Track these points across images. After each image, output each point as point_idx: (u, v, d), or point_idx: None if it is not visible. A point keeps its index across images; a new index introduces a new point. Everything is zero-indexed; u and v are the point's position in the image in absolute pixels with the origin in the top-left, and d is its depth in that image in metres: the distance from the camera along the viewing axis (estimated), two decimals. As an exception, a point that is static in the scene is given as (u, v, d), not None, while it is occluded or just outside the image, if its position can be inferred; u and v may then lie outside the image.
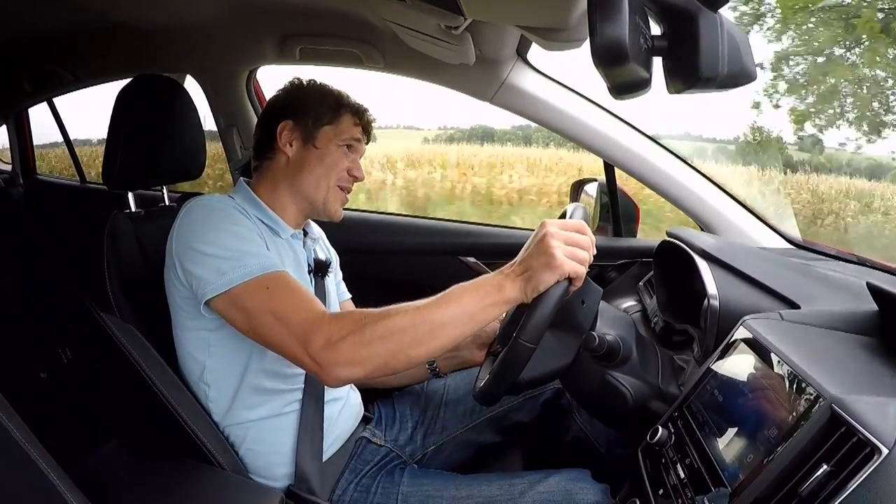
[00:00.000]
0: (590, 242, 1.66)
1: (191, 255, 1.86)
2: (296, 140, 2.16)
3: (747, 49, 1.06)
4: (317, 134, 2.17)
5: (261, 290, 1.79)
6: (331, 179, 2.17)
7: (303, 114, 2.18)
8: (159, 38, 2.86)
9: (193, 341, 2.00)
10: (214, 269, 1.82)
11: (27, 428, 1.33)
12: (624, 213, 2.95)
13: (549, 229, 1.63)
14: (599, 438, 2.33)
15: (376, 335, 1.67)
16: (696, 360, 1.98)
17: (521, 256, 1.68)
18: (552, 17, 1.43)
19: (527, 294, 1.66)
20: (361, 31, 2.60)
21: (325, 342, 1.68)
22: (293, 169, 2.16)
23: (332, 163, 2.16)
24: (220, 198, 1.99)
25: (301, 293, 1.82)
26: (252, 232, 1.92)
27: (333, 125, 2.18)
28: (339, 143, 2.17)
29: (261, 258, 1.83)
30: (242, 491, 1.88)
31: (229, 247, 1.83)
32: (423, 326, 1.67)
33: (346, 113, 2.19)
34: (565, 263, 1.60)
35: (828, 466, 1.14)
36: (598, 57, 0.96)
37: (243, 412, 2.01)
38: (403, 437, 2.37)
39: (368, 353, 1.68)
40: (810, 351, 1.49)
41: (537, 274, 1.63)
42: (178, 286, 1.93)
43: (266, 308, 1.77)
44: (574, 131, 2.65)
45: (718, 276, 1.99)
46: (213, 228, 1.86)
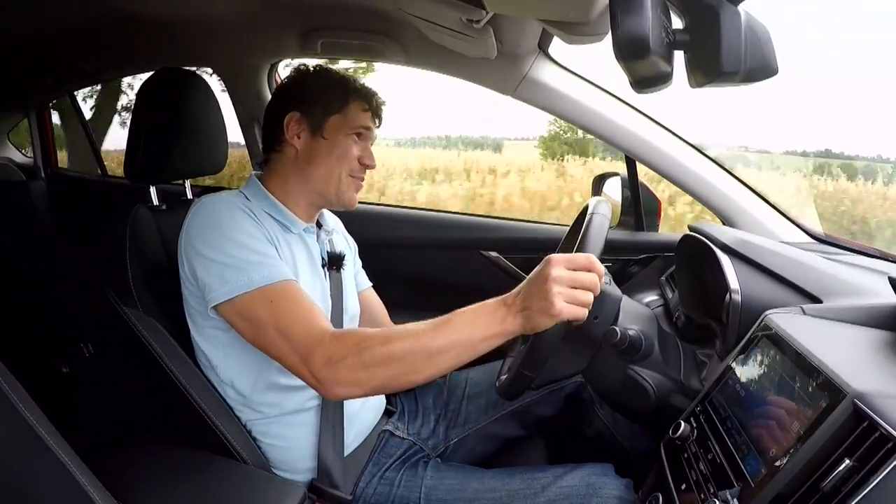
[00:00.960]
0: (596, 281, 1.61)
1: (198, 258, 1.87)
2: (304, 132, 2.12)
3: (769, 43, 1.06)
4: (325, 124, 2.12)
5: (264, 303, 1.80)
6: (342, 171, 2.13)
7: (310, 104, 2.13)
8: (181, 31, 2.86)
9: (208, 339, 2.01)
10: (219, 277, 1.83)
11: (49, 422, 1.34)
12: (646, 207, 2.95)
13: (553, 272, 1.59)
14: (621, 432, 2.33)
15: (376, 360, 1.69)
16: (718, 354, 1.98)
17: (523, 289, 1.66)
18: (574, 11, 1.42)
19: (525, 330, 1.66)
20: (383, 25, 2.59)
21: (326, 361, 1.71)
22: (302, 161, 2.13)
23: (342, 153, 2.12)
24: (229, 196, 1.98)
25: (304, 307, 1.83)
26: (259, 236, 1.91)
27: (342, 114, 2.12)
28: (349, 132, 2.12)
29: (266, 268, 1.84)
30: (265, 485, 1.89)
31: (234, 254, 1.83)
32: (421, 354, 1.68)
33: (354, 100, 2.14)
34: (564, 310, 1.58)
35: (850, 461, 1.14)
36: (620, 50, 0.96)
37: (264, 408, 2.02)
38: (426, 430, 2.37)
39: (367, 377, 1.71)
40: (832, 345, 1.49)
41: (535, 316, 1.62)
42: (189, 285, 1.95)
43: (269, 321, 1.79)
44: (595, 125, 2.65)
45: (740, 270, 1.99)
46: (218, 233, 1.86)
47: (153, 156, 2.25)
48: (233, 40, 2.91)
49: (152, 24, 2.76)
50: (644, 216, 2.95)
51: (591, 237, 1.73)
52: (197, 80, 2.32)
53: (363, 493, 2.09)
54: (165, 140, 2.25)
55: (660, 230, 3.04)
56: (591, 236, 1.73)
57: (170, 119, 2.25)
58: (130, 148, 2.25)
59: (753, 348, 1.67)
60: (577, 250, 1.70)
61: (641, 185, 2.92)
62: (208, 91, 2.36)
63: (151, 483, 1.88)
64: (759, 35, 1.05)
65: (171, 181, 2.36)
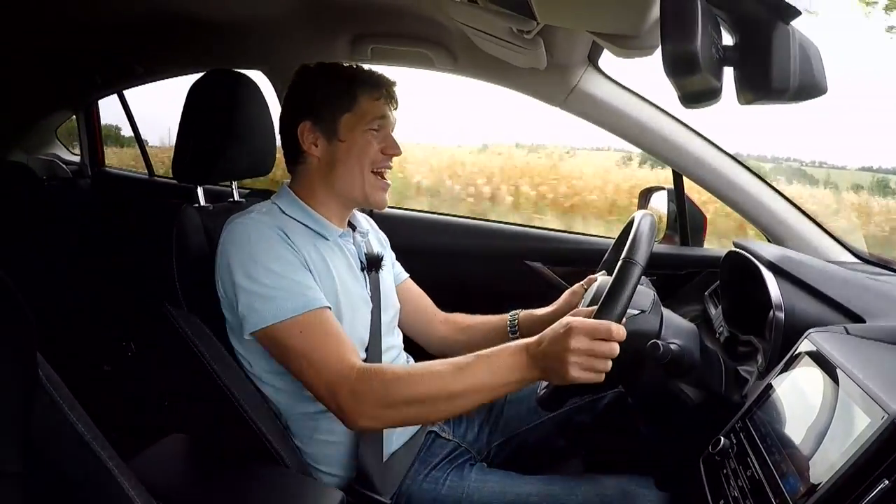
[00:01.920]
0: (615, 350, 1.62)
1: (231, 284, 1.90)
2: (319, 139, 2.11)
3: (819, 62, 1.06)
4: (338, 126, 2.09)
5: (294, 333, 1.84)
6: (364, 169, 2.10)
7: (318, 109, 2.11)
8: (232, 33, 2.88)
9: (248, 348, 2.03)
10: (250, 306, 1.87)
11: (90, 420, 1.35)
12: (691, 221, 2.94)
13: (572, 343, 1.60)
14: (660, 445, 2.32)
15: (399, 400, 1.76)
16: (760, 371, 1.97)
17: (545, 344, 1.68)
18: (625, 24, 1.43)
19: (544, 380, 1.75)
20: (433, 33, 2.60)
21: (351, 395, 1.77)
22: (325, 168, 2.12)
23: (361, 151, 2.09)
24: (260, 216, 1.98)
25: (334, 338, 1.86)
26: (292, 259, 1.92)
27: (353, 111, 2.09)
28: (364, 128, 2.09)
29: (297, 297, 1.86)
30: (304, 489, 1.89)
31: (266, 283, 1.86)
32: (442, 397, 1.75)
33: (363, 93, 2.10)
34: (578, 378, 1.62)
35: (889, 482, 1.14)
36: (670, 66, 0.96)
37: (304, 404, 2.03)
38: (471, 434, 2.39)
39: (389, 414, 1.79)
40: (874, 366, 1.47)
41: (552, 375, 1.68)
42: (226, 303, 1.98)
43: (298, 351, 1.84)
44: (644, 140, 2.64)
45: (784, 287, 1.98)
46: (250, 260, 1.89)
47: (202, 156, 2.26)
48: (283, 43, 2.94)
49: (203, 26, 2.79)
50: (689, 231, 2.94)
51: (619, 293, 1.70)
52: (247, 82, 2.34)
53: (409, 489, 2.10)
54: (214, 141, 2.26)
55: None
56: (618, 292, 1.70)
57: (219, 120, 2.26)
58: (179, 148, 2.27)
59: (795, 366, 1.66)
60: (602, 306, 1.69)
61: (687, 200, 2.91)
62: (258, 93, 2.38)
63: (190, 483, 1.90)
64: (810, 53, 1.05)
65: (219, 182, 2.38)
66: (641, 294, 1.86)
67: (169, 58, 3.57)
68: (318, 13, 2.59)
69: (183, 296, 2.08)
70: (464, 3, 1.75)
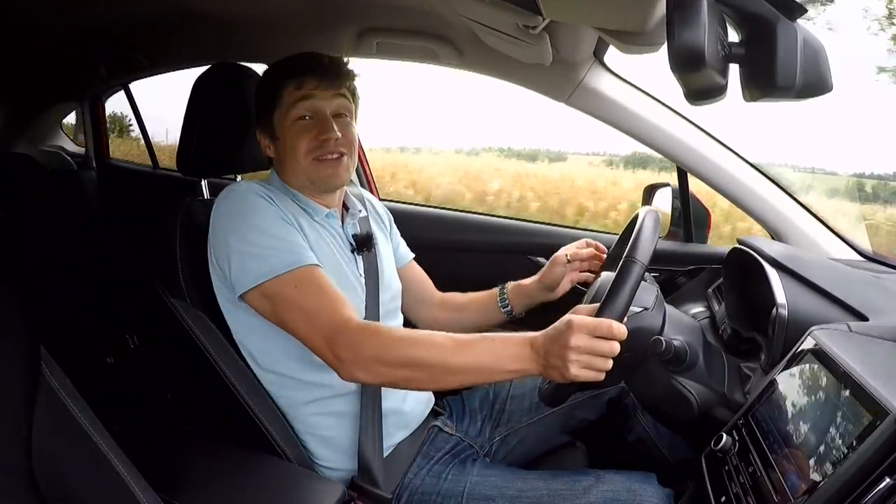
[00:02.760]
0: (615, 348, 1.62)
1: (223, 248, 1.92)
2: (267, 142, 2.16)
3: (825, 59, 1.05)
4: (273, 126, 2.12)
5: (289, 287, 1.85)
6: (300, 161, 2.09)
7: (259, 116, 2.16)
8: (238, 27, 2.89)
9: (243, 326, 2.04)
10: (243, 266, 1.88)
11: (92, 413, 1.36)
12: (695, 218, 2.93)
13: (572, 340, 1.60)
14: (662, 441, 2.32)
15: (396, 359, 1.76)
16: (763, 368, 1.97)
17: (547, 340, 1.67)
18: (631, 20, 1.42)
19: (543, 376, 1.73)
20: (439, 28, 2.60)
21: (349, 344, 1.77)
22: (279, 167, 2.18)
23: (292, 146, 2.09)
24: (253, 184, 2.01)
25: (329, 293, 1.87)
26: (281, 221, 1.94)
27: (279, 108, 2.10)
28: (292, 120, 2.08)
29: (289, 254, 1.88)
30: (306, 483, 1.91)
31: (257, 242, 1.87)
32: (439, 367, 1.74)
33: (285, 86, 2.10)
34: (579, 375, 1.62)
35: (890, 480, 1.14)
36: (676, 62, 0.96)
37: (301, 395, 2.05)
38: (473, 430, 2.39)
39: (384, 371, 1.79)
40: (877, 364, 1.48)
41: (552, 371, 1.67)
42: (218, 274, 1.99)
43: (294, 303, 1.85)
44: (648, 136, 2.64)
45: (788, 285, 1.98)
46: (241, 221, 1.90)
47: (206, 150, 2.28)
48: (288, 37, 2.93)
49: (209, 19, 2.79)
50: (693, 228, 2.94)
51: (621, 292, 1.69)
52: (252, 75, 2.34)
53: (411, 483, 2.10)
54: (219, 135, 2.28)
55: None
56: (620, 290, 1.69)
57: (224, 114, 2.27)
58: (184, 141, 2.28)
59: (798, 363, 1.66)
60: (604, 304, 1.68)
61: (692, 197, 2.91)
62: None
63: (193, 477, 1.90)
64: (816, 51, 1.05)
65: (223, 175, 2.38)
66: (644, 291, 1.86)
67: (174, 51, 3.57)
68: (324, 7, 2.59)
69: (187, 289, 2.09)
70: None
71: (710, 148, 2.61)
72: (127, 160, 5.35)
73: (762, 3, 1.01)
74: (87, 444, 1.32)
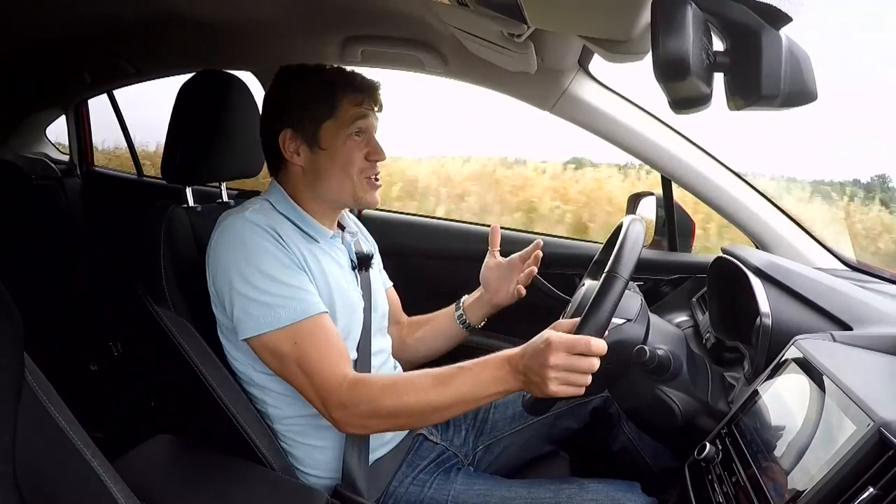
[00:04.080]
0: (594, 365, 1.63)
1: (225, 288, 1.90)
2: (301, 147, 2.06)
3: (809, 68, 1.05)
4: (319, 134, 2.04)
5: (289, 342, 1.85)
6: (352, 176, 2.06)
7: (298, 116, 2.05)
8: (222, 34, 2.89)
9: (238, 351, 2.02)
10: (245, 311, 1.87)
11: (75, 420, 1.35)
12: (680, 227, 2.94)
13: (551, 359, 1.62)
14: (646, 450, 2.33)
15: (385, 412, 1.81)
16: (747, 378, 1.98)
17: (526, 357, 1.70)
18: (615, 29, 1.43)
19: (525, 390, 1.75)
20: (424, 36, 2.60)
21: (341, 405, 1.82)
22: (310, 177, 2.08)
23: (345, 160, 2.05)
24: (254, 214, 1.95)
25: (327, 348, 1.88)
26: (288, 262, 1.91)
27: (333, 118, 2.03)
28: (347, 134, 2.04)
29: (293, 303, 1.87)
30: (288, 492, 1.91)
31: (262, 288, 1.86)
32: (426, 408, 1.80)
33: (343, 97, 2.04)
34: (559, 392, 1.64)
35: (874, 489, 1.14)
36: (660, 70, 0.96)
37: (292, 408, 2.03)
38: (458, 438, 2.39)
39: (375, 424, 1.89)
40: (860, 373, 1.48)
41: (532, 388, 1.70)
42: (217, 303, 1.98)
43: (292, 359, 1.86)
44: (633, 144, 2.64)
45: (772, 294, 1.98)
46: (245, 263, 1.88)
47: (191, 157, 2.27)
48: (274, 45, 2.94)
49: (194, 26, 2.79)
50: (678, 237, 2.95)
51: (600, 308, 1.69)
52: (237, 83, 2.34)
53: (395, 491, 2.11)
54: (204, 142, 2.26)
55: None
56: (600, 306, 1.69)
57: (209, 121, 2.26)
58: (168, 148, 2.27)
59: (782, 373, 1.67)
60: (584, 321, 1.69)
61: (676, 206, 2.91)
62: (248, 94, 2.38)
63: (175, 484, 1.90)
64: (800, 60, 1.05)
65: (208, 183, 2.38)
66: (628, 300, 1.87)
67: (159, 58, 3.56)
68: (309, 15, 2.59)
69: (170, 296, 2.08)
70: (454, 7, 1.75)
71: (694, 157, 2.61)
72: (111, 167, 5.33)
73: (747, 12, 1.01)
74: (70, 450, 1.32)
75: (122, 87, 4.39)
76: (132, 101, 4.74)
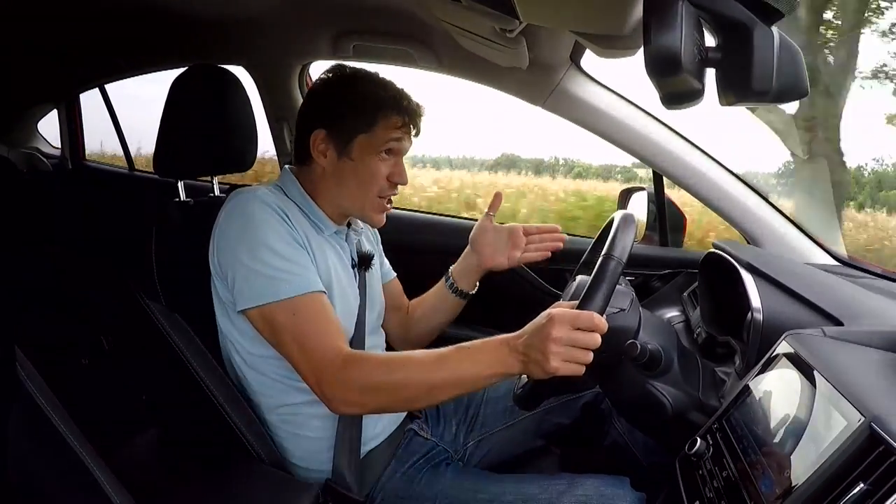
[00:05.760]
0: (596, 340, 1.63)
1: (229, 258, 1.89)
2: (330, 150, 2.05)
3: (801, 63, 1.06)
4: (352, 145, 2.04)
5: (287, 314, 1.84)
6: (369, 193, 2.07)
7: (336, 122, 2.04)
8: (214, 28, 2.88)
9: (236, 329, 2.01)
10: (248, 282, 1.86)
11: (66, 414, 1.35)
12: (671, 222, 2.94)
13: (554, 332, 1.61)
14: (637, 445, 2.33)
15: (380, 387, 1.79)
16: (738, 372, 1.98)
17: (526, 336, 1.69)
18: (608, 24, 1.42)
19: (525, 373, 1.75)
20: (416, 31, 2.60)
21: (335, 380, 1.79)
22: (330, 180, 2.08)
23: (368, 176, 2.05)
24: (265, 194, 1.95)
25: (325, 323, 1.87)
26: (292, 241, 1.91)
27: (369, 133, 2.03)
28: (378, 151, 2.04)
29: (295, 278, 1.87)
30: (280, 485, 1.91)
31: (265, 261, 1.85)
32: (422, 386, 1.78)
33: (384, 116, 2.03)
34: (560, 369, 1.62)
35: (864, 485, 1.14)
36: (652, 66, 0.96)
37: (284, 396, 2.04)
38: (448, 434, 2.39)
39: (370, 400, 1.83)
40: (852, 368, 1.48)
41: (532, 366, 1.67)
42: (219, 278, 1.97)
43: (290, 332, 1.84)
44: (624, 140, 2.65)
45: (763, 289, 1.98)
46: (251, 236, 1.87)
47: (183, 151, 2.27)
48: (265, 39, 2.93)
49: (186, 20, 2.78)
50: (669, 232, 2.95)
51: (601, 286, 1.70)
52: (229, 77, 2.34)
53: (384, 486, 2.11)
54: (196, 136, 2.26)
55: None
56: (600, 285, 1.70)
57: (201, 115, 2.26)
58: (160, 142, 2.26)
59: (773, 368, 1.67)
60: (584, 299, 1.69)
61: (667, 201, 2.92)
62: (240, 89, 2.37)
63: (167, 478, 1.91)
64: (792, 55, 1.05)
65: (200, 177, 2.38)
66: (620, 294, 1.86)
67: (151, 52, 3.55)
68: (301, 10, 2.59)
69: (161, 290, 2.09)
70: (447, 1, 1.74)
71: (685, 152, 2.62)
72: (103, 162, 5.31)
73: (739, 8, 1.01)
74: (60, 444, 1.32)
75: (114, 81, 4.38)
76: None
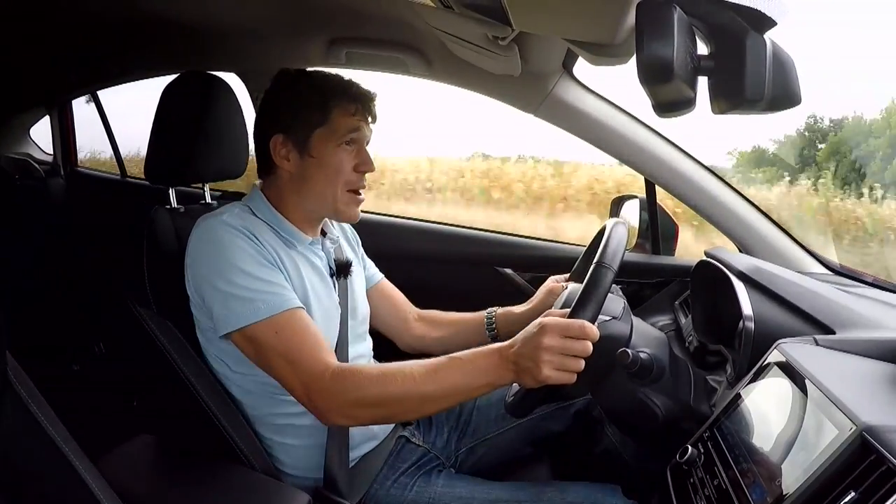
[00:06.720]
0: (589, 347, 1.63)
1: (204, 285, 1.89)
2: (291, 153, 2.04)
3: (793, 72, 1.06)
4: (310, 141, 2.02)
5: (270, 333, 1.83)
6: (336, 187, 2.05)
7: (290, 122, 2.03)
8: (207, 35, 2.88)
9: (221, 353, 2.02)
10: (225, 307, 1.85)
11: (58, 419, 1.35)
12: (663, 230, 2.95)
13: (545, 341, 1.61)
14: (629, 453, 2.32)
15: (371, 400, 1.77)
16: (729, 381, 1.98)
17: (517, 345, 1.68)
18: (600, 32, 1.42)
19: (517, 382, 1.75)
20: (409, 38, 2.60)
21: (325, 393, 1.78)
22: (297, 182, 2.07)
23: (333, 170, 2.04)
24: (230, 217, 1.95)
25: (309, 338, 1.86)
26: (263, 261, 1.91)
27: (325, 126, 2.02)
28: (337, 142, 2.02)
29: (272, 296, 1.86)
30: (270, 493, 1.90)
31: (239, 283, 1.85)
32: (414, 399, 1.76)
33: (336, 106, 2.02)
34: (551, 377, 1.62)
35: (855, 494, 1.14)
36: (644, 74, 0.96)
37: (271, 408, 2.03)
38: (440, 441, 2.39)
39: (361, 413, 1.82)
40: (843, 377, 1.49)
41: (524, 375, 1.67)
42: (197, 303, 1.97)
43: (275, 349, 1.83)
44: (616, 147, 2.65)
45: (755, 298, 1.99)
46: (223, 261, 1.87)
47: (174, 158, 2.26)
48: (258, 47, 2.93)
49: (178, 27, 2.78)
50: (661, 240, 2.95)
51: (592, 295, 1.71)
52: (221, 84, 2.33)
53: (376, 494, 2.10)
54: (187, 143, 2.25)
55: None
56: (591, 294, 1.72)
57: (193, 122, 2.25)
58: (152, 149, 2.26)
59: (764, 376, 1.67)
60: (576, 305, 1.70)
61: (659, 209, 2.92)
62: (232, 96, 2.37)
63: (157, 484, 1.90)
64: (784, 64, 1.05)
65: (191, 184, 2.37)
66: (612, 302, 1.86)
67: (143, 59, 3.55)
68: (294, 17, 2.58)
69: (153, 297, 2.08)
70: (439, 9, 1.74)
71: (678, 160, 2.62)
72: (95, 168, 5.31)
73: (732, 16, 1.01)
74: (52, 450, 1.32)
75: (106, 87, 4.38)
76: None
